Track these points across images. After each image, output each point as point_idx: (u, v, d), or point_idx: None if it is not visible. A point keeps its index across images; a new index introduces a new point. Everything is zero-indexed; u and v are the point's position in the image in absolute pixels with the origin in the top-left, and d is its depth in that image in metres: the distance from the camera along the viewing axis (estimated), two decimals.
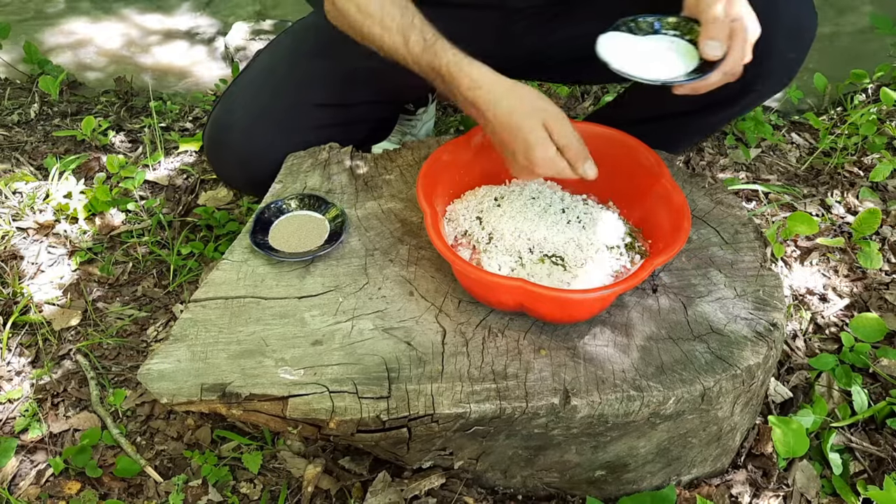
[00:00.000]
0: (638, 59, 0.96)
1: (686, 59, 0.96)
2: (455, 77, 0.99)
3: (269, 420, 0.95)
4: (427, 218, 0.96)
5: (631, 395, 0.92)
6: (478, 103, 0.98)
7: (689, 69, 0.95)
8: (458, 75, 0.99)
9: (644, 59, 0.96)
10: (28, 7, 2.62)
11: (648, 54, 0.97)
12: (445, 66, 1.00)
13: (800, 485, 1.14)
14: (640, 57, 0.97)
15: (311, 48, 1.28)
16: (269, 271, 1.06)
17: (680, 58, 0.96)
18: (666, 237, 0.98)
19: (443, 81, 1.01)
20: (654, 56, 0.97)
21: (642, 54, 0.97)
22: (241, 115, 1.24)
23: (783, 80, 1.24)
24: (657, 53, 0.97)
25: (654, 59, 0.96)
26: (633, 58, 0.96)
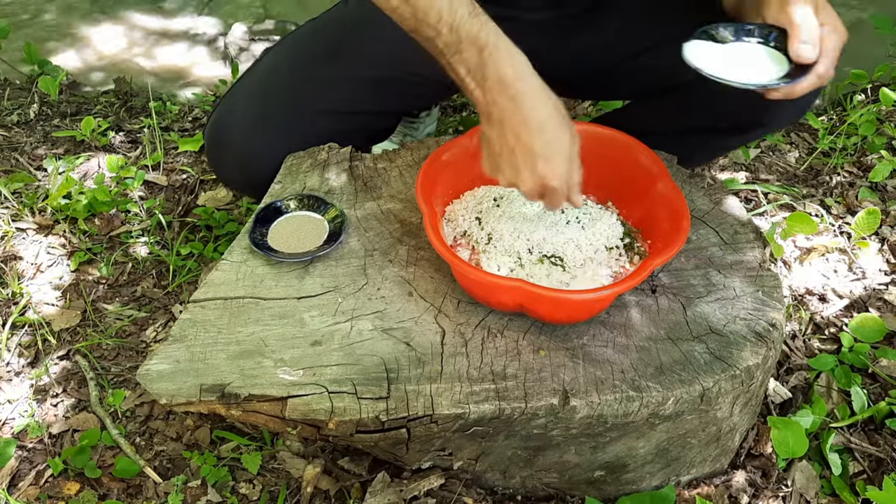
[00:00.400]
0: (727, 65, 0.94)
1: (774, 64, 0.94)
2: (495, 56, 0.89)
3: (269, 421, 0.95)
4: (426, 219, 0.96)
5: (630, 395, 0.92)
6: (517, 94, 0.89)
7: (780, 74, 0.93)
8: (502, 55, 0.89)
9: (733, 64, 0.94)
10: (28, 7, 2.63)
11: (736, 60, 0.95)
12: (491, 40, 0.89)
13: (799, 485, 1.14)
14: (728, 62, 0.94)
15: (318, 53, 1.26)
16: (268, 272, 1.06)
17: (768, 63, 0.95)
18: (665, 238, 0.98)
19: (479, 57, 0.90)
20: (742, 61, 0.95)
21: (730, 60, 0.95)
22: (242, 116, 1.24)
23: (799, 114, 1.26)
24: (744, 59, 0.95)
25: (743, 65, 0.94)
26: (722, 63, 0.94)
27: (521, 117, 0.89)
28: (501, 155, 0.92)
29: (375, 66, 1.24)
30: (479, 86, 0.91)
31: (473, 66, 0.90)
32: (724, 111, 1.21)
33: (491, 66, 0.89)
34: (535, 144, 0.90)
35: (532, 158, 0.90)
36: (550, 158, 0.90)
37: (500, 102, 0.90)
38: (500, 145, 0.92)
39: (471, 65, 0.90)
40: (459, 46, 0.90)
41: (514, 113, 0.90)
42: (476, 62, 0.90)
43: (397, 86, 1.27)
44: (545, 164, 0.90)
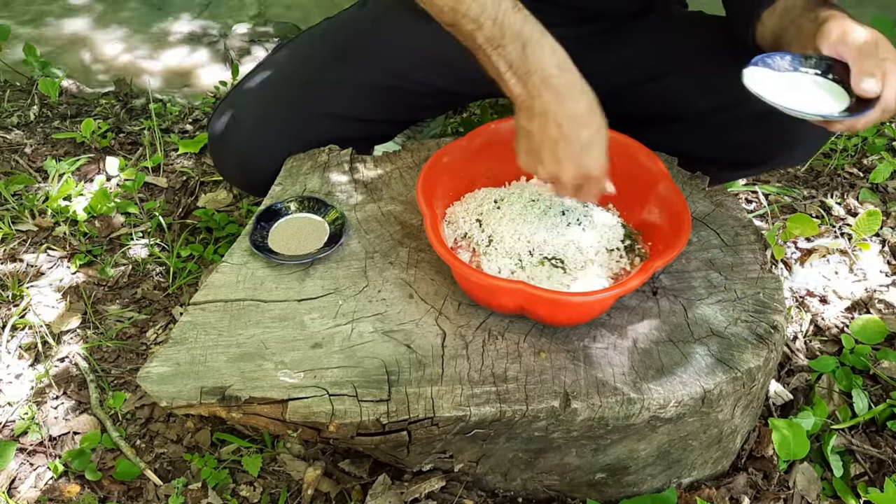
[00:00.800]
0: (786, 94, 0.92)
1: (833, 96, 0.93)
2: (538, 52, 0.90)
3: (269, 423, 0.95)
4: (427, 221, 0.96)
5: (631, 397, 0.92)
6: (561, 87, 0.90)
7: (841, 107, 0.91)
8: (545, 50, 0.90)
9: (792, 93, 0.92)
10: (28, 9, 2.63)
11: (795, 89, 0.93)
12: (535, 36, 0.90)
13: (800, 487, 1.14)
14: (787, 92, 0.93)
15: (329, 57, 1.26)
16: (268, 274, 1.06)
17: (827, 95, 0.93)
18: (666, 239, 0.98)
19: (522, 52, 0.90)
20: (802, 91, 0.93)
21: (789, 89, 0.93)
22: (247, 115, 1.23)
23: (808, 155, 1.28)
24: (804, 89, 0.94)
25: (803, 95, 0.93)
26: (781, 92, 0.92)
27: (565, 110, 0.91)
28: (543, 147, 0.93)
29: (386, 75, 1.25)
30: (521, 80, 0.91)
31: (516, 61, 0.91)
32: (733, 145, 1.21)
33: (535, 61, 0.90)
34: (579, 136, 0.91)
35: (576, 149, 0.92)
36: (593, 149, 0.93)
37: (545, 96, 0.91)
38: (543, 137, 0.92)
39: (513, 59, 0.91)
40: (503, 41, 0.90)
41: (558, 106, 0.91)
42: (519, 57, 0.90)
43: (406, 96, 1.27)
44: (588, 155, 0.92)
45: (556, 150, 0.92)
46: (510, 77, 0.92)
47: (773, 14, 1.06)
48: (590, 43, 1.27)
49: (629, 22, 1.28)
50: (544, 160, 0.94)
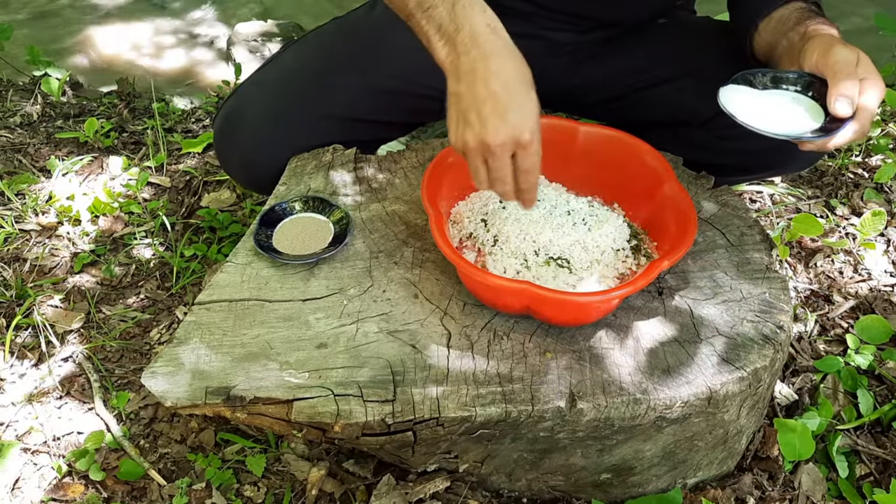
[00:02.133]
0: (762, 113, 0.93)
1: (810, 114, 0.93)
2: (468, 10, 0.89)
3: (274, 423, 0.94)
4: (432, 221, 0.95)
5: (637, 398, 0.91)
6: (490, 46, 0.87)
7: (816, 125, 0.92)
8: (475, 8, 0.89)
9: (768, 112, 0.93)
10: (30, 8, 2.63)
11: (772, 108, 0.94)
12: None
13: (806, 488, 1.14)
14: (763, 110, 0.93)
15: (336, 58, 1.26)
16: (273, 274, 1.06)
17: (805, 113, 0.93)
18: (672, 239, 0.98)
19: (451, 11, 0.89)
20: (778, 110, 0.94)
21: (765, 108, 0.94)
22: (253, 114, 1.23)
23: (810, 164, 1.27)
24: (781, 108, 0.94)
25: (779, 114, 0.93)
26: (757, 111, 0.93)
27: (493, 68, 0.87)
28: (470, 108, 0.87)
29: (392, 78, 1.24)
30: (449, 41, 0.89)
31: (445, 20, 0.89)
32: (734, 151, 1.20)
33: (464, 18, 0.88)
34: (509, 95, 0.86)
35: (503, 108, 0.86)
36: (522, 110, 0.87)
37: (472, 52, 0.87)
38: (470, 98, 0.87)
39: (442, 19, 0.89)
40: (433, 2, 0.90)
41: (485, 63, 0.87)
42: (448, 15, 0.89)
43: (412, 99, 1.27)
44: (517, 115, 0.86)
45: (483, 109, 0.86)
46: (438, 40, 0.90)
47: (769, 25, 1.06)
48: (592, 51, 1.27)
49: (636, 28, 1.28)
50: (471, 122, 0.87)
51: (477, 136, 0.87)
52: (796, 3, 1.04)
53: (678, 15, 1.34)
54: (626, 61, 1.27)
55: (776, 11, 1.05)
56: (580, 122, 1.11)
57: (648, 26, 1.29)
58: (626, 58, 1.28)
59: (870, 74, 0.90)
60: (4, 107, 1.99)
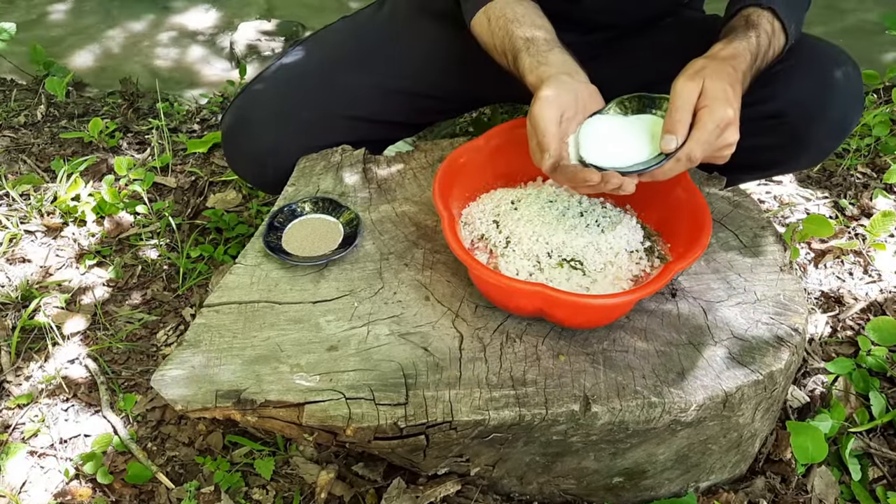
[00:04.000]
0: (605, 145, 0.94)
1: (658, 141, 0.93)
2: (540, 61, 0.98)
3: (285, 427, 0.94)
4: (444, 223, 0.94)
5: (652, 401, 0.90)
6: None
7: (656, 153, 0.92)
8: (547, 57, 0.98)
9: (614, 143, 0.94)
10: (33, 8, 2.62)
11: (624, 136, 0.95)
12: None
13: (818, 491, 1.13)
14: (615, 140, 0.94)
15: (344, 58, 1.26)
16: (282, 275, 1.05)
17: (653, 140, 0.93)
18: (686, 241, 0.97)
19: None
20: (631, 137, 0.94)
21: (619, 137, 0.95)
22: (261, 113, 1.22)
23: (815, 162, 1.26)
24: (635, 134, 0.95)
25: (630, 141, 0.94)
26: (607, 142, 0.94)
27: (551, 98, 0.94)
28: None
29: (401, 77, 1.24)
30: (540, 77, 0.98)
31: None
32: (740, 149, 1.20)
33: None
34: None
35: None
36: None
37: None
38: None
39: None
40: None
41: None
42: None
43: (420, 99, 1.26)
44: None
45: None
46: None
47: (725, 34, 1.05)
48: (593, 52, 1.26)
49: (643, 27, 1.27)
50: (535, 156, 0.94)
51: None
52: (746, 9, 1.04)
53: (685, 14, 1.33)
54: (631, 60, 1.27)
55: (732, 20, 1.05)
56: None
57: (655, 25, 1.28)
58: (631, 56, 1.27)
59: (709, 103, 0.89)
60: (9, 107, 1.98)
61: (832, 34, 1.16)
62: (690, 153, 0.90)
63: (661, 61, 1.24)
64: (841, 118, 1.13)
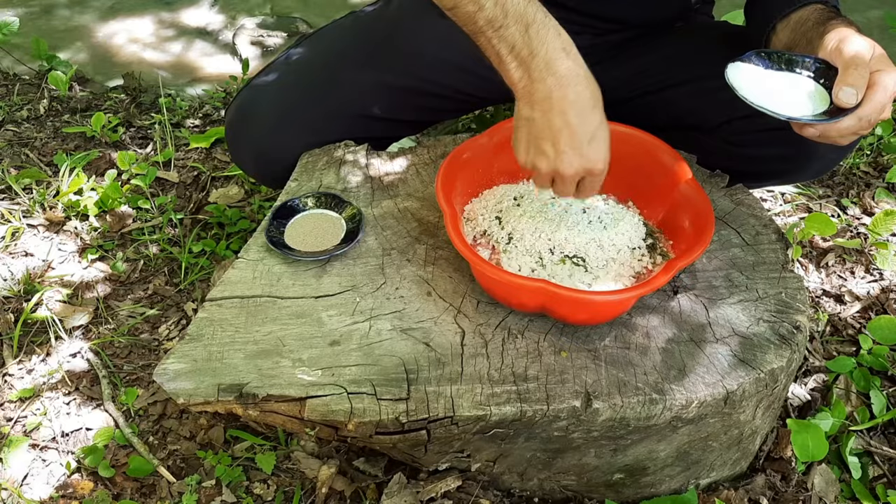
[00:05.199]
0: (766, 91, 0.91)
1: (817, 101, 0.91)
2: (543, 33, 0.86)
3: (286, 421, 0.94)
4: (447, 218, 0.95)
5: (653, 398, 0.91)
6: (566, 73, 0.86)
7: (818, 111, 0.90)
8: (550, 32, 0.87)
9: (772, 92, 0.92)
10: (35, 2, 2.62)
11: (777, 88, 0.92)
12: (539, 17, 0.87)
13: (818, 489, 1.13)
14: (768, 89, 0.92)
15: (350, 55, 1.25)
16: (285, 270, 1.05)
17: (809, 98, 0.92)
18: (689, 238, 0.97)
19: (525, 34, 0.86)
20: (784, 92, 0.92)
21: (771, 87, 0.92)
22: (265, 108, 1.22)
23: (820, 173, 1.26)
24: (787, 89, 0.93)
25: (783, 95, 0.92)
26: (761, 89, 0.91)
27: (569, 97, 0.86)
28: (545, 137, 0.88)
29: (406, 75, 1.24)
30: (522, 64, 0.87)
31: (518, 43, 0.87)
32: (747, 158, 1.20)
33: (539, 42, 0.86)
34: (585, 126, 0.87)
35: (582, 140, 0.87)
36: (598, 141, 0.88)
37: (548, 80, 0.86)
38: (545, 126, 0.87)
39: (515, 41, 0.87)
40: (505, 21, 0.87)
41: (561, 91, 0.86)
42: (522, 38, 0.86)
43: (426, 97, 1.26)
44: (594, 147, 0.88)
45: (560, 141, 0.87)
46: (511, 61, 0.88)
47: (787, 26, 1.05)
48: (608, 53, 1.26)
49: (653, 31, 1.27)
50: (546, 151, 0.88)
51: (551, 166, 0.90)
52: (816, 4, 1.03)
53: (695, 19, 1.32)
54: (640, 64, 1.26)
55: (795, 13, 1.04)
56: None
57: (665, 29, 1.28)
58: (640, 60, 1.27)
59: (884, 67, 0.89)
60: (11, 101, 1.98)
61: None
62: (871, 114, 0.87)
63: (675, 64, 1.25)
64: None
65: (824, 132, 0.91)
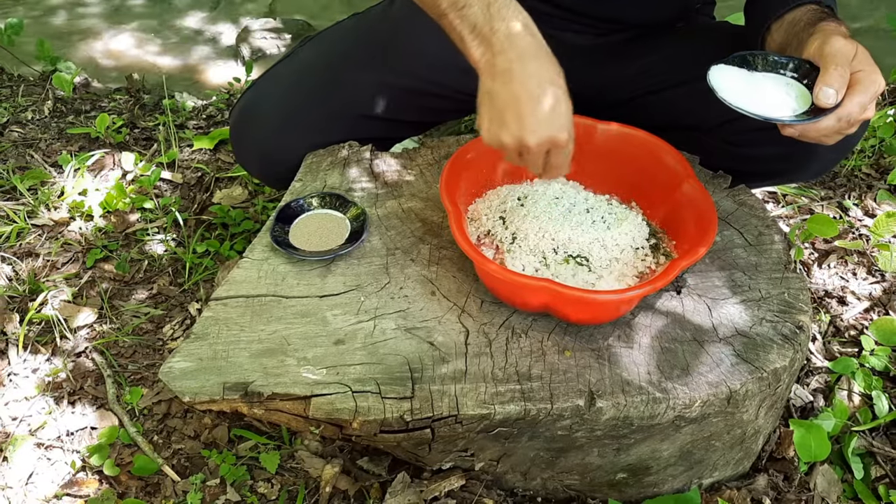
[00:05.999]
0: (747, 93, 0.92)
1: (798, 101, 0.92)
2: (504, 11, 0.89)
3: (291, 420, 0.94)
4: (452, 218, 0.95)
5: (656, 397, 0.91)
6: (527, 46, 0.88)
7: (799, 111, 0.91)
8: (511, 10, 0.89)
9: (752, 93, 0.93)
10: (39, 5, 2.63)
11: (758, 89, 0.93)
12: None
13: (821, 489, 1.14)
14: (748, 90, 0.93)
15: (354, 56, 1.26)
16: (289, 270, 1.05)
17: (791, 98, 0.92)
18: (692, 238, 0.98)
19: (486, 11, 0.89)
20: (765, 92, 0.93)
21: (752, 88, 0.93)
22: (269, 108, 1.23)
23: (819, 173, 1.27)
24: (768, 90, 0.93)
25: (764, 95, 0.93)
26: (743, 90, 0.92)
27: (530, 69, 0.87)
28: (507, 108, 0.88)
29: (409, 76, 1.24)
30: (484, 40, 0.89)
31: (480, 20, 0.89)
32: (747, 158, 1.20)
33: (500, 18, 0.89)
34: (546, 95, 0.87)
35: (543, 108, 0.87)
36: (558, 110, 0.88)
37: (508, 53, 0.88)
38: (506, 96, 0.88)
39: (477, 19, 0.89)
40: (467, 1, 0.90)
41: (522, 64, 0.87)
42: (483, 15, 0.89)
43: (429, 98, 1.27)
44: (553, 116, 0.88)
45: (521, 110, 0.87)
46: (472, 40, 0.90)
47: (780, 27, 1.05)
48: (610, 52, 1.26)
49: (653, 31, 1.28)
50: (508, 122, 0.88)
51: (515, 136, 0.89)
52: (810, 5, 1.04)
53: (696, 19, 1.33)
54: (640, 64, 1.27)
55: (789, 13, 1.05)
56: (598, 120, 1.11)
57: (665, 30, 1.28)
58: (641, 61, 1.27)
59: (865, 67, 0.90)
60: (16, 102, 1.99)
61: None
62: (851, 113, 0.88)
63: (675, 64, 1.25)
64: None
65: (803, 132, 0.92)
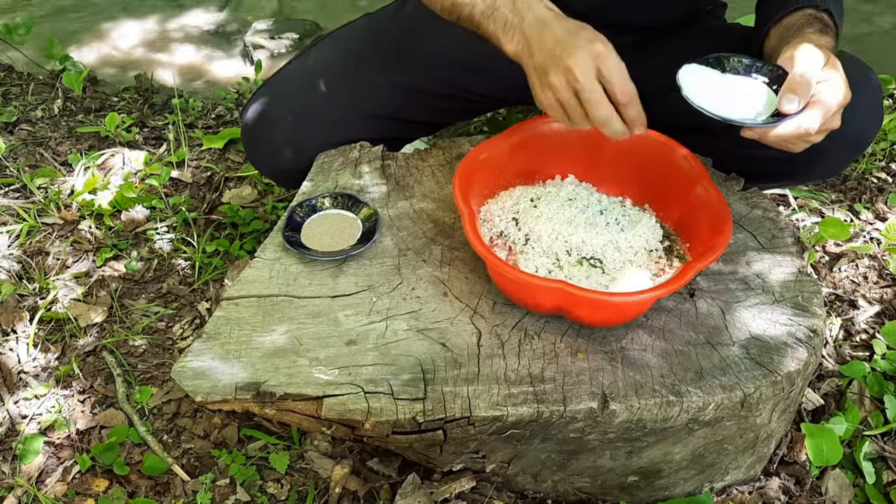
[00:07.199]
0: (713, 93, 0.93)
1: (766, 105, 0.92)
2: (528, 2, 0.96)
3: (303, 420, 0.94)
4: (465, 219, 0.95)
5: (670, 400, 0.91)
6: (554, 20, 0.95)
7: (764, 115, 0.91)
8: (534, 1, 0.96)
9: (719, 94, 0.93)
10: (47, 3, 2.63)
11: (726, 91, 0.94)
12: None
13: (832, 493, 1.13)
14: (715, 91, 0.93)
15: (366, 56, 1.26)
16: (301, 270, 1.05)
17: (759, 102, 0.93)
18: (706, 241, 0.97)
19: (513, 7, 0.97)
20: (731, 94, 0.94)
21: (720, 89, 0.94)
22: (283, 108, 1.23)
23: (830, 174, 1.26)
24: (737, 93, 0.94)
25: (729, 97, 0.93)
26: (709, 91, 0.93)
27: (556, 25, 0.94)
28: (546, 58, 0.92)
29: (421, 76, 1.25)
30: (517, 32, 0.96)
31: (509, 15, 0.97)
32: (754, 159, 1.19)
33: (526, 10, 0.96)
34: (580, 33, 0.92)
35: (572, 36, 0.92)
36: (588, 31, 0.93)
37: (542, 32, 0.94)
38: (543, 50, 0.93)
39: (507, 16, 0.97)
40: (494, 5, 0.98)
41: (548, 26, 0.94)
42: (511, 11, 0.97)
43: (440, 99, 1.27)
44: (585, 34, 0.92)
45: (556, 48, 0.91)
46: (504, 35, 0.97)
47: (777, 31, 1.06)
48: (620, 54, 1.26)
49: (663, 33, 1.27)
50: (549, 68, 0.91)
51: (558, 68, 0.91)
52: (807, 10, 1.04)
53: (707, 22, 1.33)
54: (649, 67, 1.26)
55: (786, 18, 1.05)
56: None
57: (675, 32, 1.28)
58: (649, 63, 1.27)
59: (832, 77, 0.90)
60: (26, 101, 1.99)
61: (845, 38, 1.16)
62: (810, 122, 0.89)
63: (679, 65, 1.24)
64: (859, 134, 1.13)
65: (762, 135, 0.92)
